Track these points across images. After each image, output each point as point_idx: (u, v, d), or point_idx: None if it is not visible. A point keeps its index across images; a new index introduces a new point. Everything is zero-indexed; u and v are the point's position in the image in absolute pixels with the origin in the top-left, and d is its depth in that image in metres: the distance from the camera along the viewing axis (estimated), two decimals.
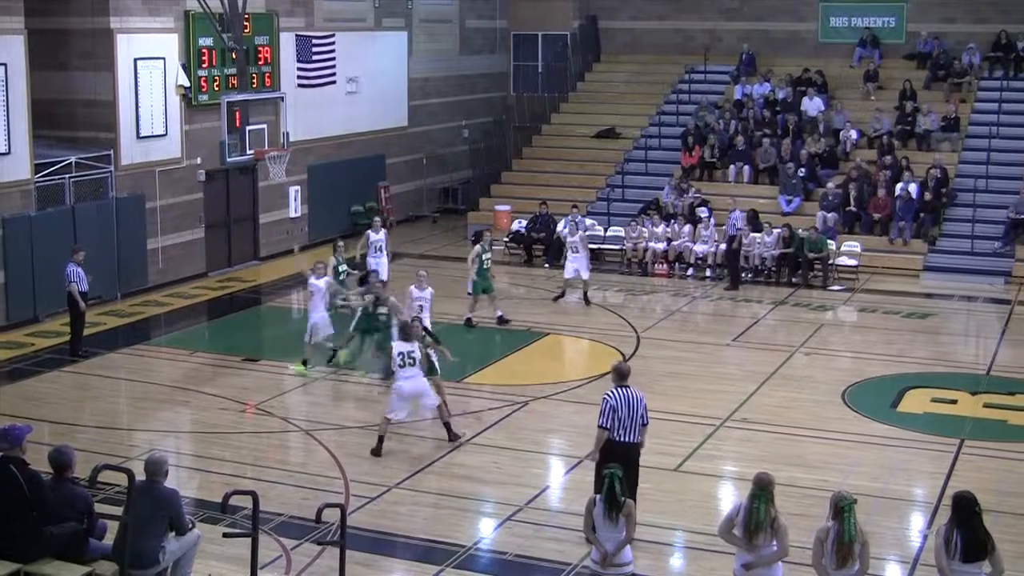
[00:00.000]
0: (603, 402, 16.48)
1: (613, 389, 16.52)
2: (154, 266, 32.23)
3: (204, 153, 33.18)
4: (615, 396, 16.38)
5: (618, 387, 16.52)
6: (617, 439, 16.34)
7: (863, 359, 26.69)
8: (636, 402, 16.41)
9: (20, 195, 28.38)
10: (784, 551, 13.04)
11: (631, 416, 16.34)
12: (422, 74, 43.56)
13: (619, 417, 16.30)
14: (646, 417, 16.54)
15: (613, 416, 16.30)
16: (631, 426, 16.37)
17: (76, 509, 12.55)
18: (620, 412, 16.31)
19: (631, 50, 47.46)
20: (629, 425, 16.35)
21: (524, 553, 16.59)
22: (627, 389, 16.47)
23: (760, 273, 34.19)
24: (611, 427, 16.33)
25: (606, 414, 16.34)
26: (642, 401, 16.51)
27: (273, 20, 35.69)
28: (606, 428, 16.37)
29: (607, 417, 16.33)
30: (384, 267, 30.13)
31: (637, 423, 16.41)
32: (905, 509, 18.62)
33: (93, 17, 30.62)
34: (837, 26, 44.90)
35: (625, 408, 16.32)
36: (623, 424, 16.34)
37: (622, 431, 16.35)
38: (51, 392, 23.93)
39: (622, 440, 16.35)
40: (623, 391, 16.43)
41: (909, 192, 35.65)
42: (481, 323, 28.83)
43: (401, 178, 42.65)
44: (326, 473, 19.49)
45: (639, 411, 16.41)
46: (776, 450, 20.57)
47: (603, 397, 16.59)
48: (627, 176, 40.31)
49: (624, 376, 16.66)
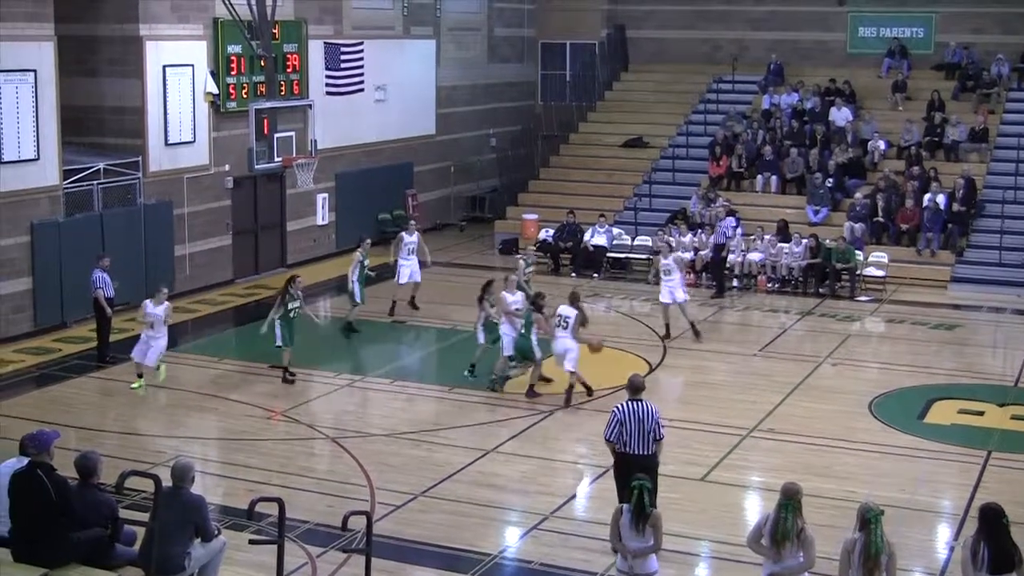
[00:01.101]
0: (611, 415, 16.51)
1: (624, 402, 16.56)
2: (181, 273, 32.29)
3: (232, 160, 33.25)
4: (623, 410, 16.41)
5: (630, 400, 16.53)
6: (631, 452, 16.34)
7: (890, 370, 26.62)
8: (647, 415, 16.38)
9: (49, 201, 28.47)
10: (811, 562, 13.00)
11: (641, 429, 16.31)
12: (450, 82, 43.60)
13: (627, 430, 16.30)
14: (659, 431, 16.49)
15: (620, 429, 16.31)
16: (642, 439, 16.34)
17: (101, 515, 12.57)
18: (628, 425, 16.30)
19: (659, 59, 47.43)
20: (639, 438, 16.32)
21: (550, 562, 16.56)
22: (638, 402, 16.46)
23: (787, 283, 34.13)
24: (619, 440, 16.34)
25: (612, 427, 16.39)
26: (654, 414, 16.46)
27: (302, 28, 35.76)
28: (611, 441, 16.42)
29: (612, 430, 16.37)
30: (416, 270, 30.35)
31: (648, 436, 16.37)
32: (932, 521, 18.56)
33: (122, 24, 30.73)
34: (865, 36, 44.82)
35: (634, 421, 16.30)
36: (632, 437, 16.32)
37: (633, 444, 16.34)
38: (78, 398, 24.02)
39: (636, 452, 16.34)
40: (633, 404, 16.43)
41: (937, 203, 35.54)
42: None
43: (429, 186, 42.68)
44: (352, 480, 19.50)
45: (650, 424, 16.36)
46: (803, 460, 20.51)
47: (612, 410, 16.62)
48: (654, 186, 40.30)
49: (637, 389, 16.66)
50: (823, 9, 44.68)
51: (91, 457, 12.83)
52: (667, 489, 17.87)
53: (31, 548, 12.22)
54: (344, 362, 26.80)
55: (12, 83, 27.27)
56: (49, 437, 12.74)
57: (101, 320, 26.44)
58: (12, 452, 13.42)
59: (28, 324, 28.17)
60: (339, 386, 24.98)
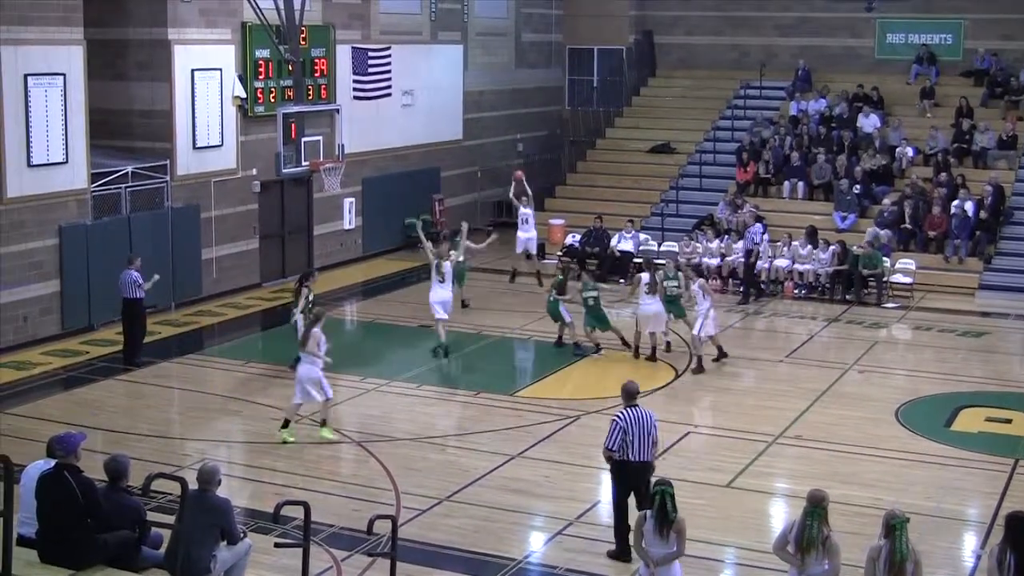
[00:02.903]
0: (612, 423, 16.50)
1: (623, 410, 16.56)
2: (208, 276, 32.38)
3: (259, 164, 33.31)
4: (625, 417, 16.42)
5: (628, 407, 16.56)
6: (632, 459, 16.39)
7: (917, 377, 26.55)
8: (647, 420, 16.45)
9: (77, 204, 28.59)
10: (835, 570, 12.98)
11: (642, 435, 16.37)
12: (477, 87, 43.64)
13: (629, 438, 16.32)
14: (656, 435, 16.62)
15: (623, 437, 16.32)
16: (643, 445, 16.40)
17: (128, 518, 12.60)
18: (631, 433, 16.32)
19: (686, 65, 47.44)
20: (640, 445, 16.37)
21: (574, 568, 16.56)
22: (637, 408, 16.53)
23: (814, 290, 34.07)
24: (621, 448, 16.35)
25: (614, 435, 16.37)
26: (652, 418, 16.54)
27: (330, 32, 35.85)
28: (612, 450, 16.42)
29: (614, 439, 16.36)
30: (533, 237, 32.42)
31: (648, 441, 16.44)
32: (958, 529, 18.52)
33: (151, 28, 30.85)
34: (894, 43, 44.72)
35: (636, 427, 16.34)
36: (634, 444, 16.36)
37: (634, 451, 16.38)
38: (105, 400, 24.10)
39: (637, 460, 16.40)
40: (633, 411, 16.48)
41: (965, 210, 35.40)
42: (535, 337, 28.84)
43: (455, 191, 42.70)
44: (377, 485, 19.52)
45: (650, 429, 16.44)
46: (829, 468, 20.46)
47: (613, 418, 16.62)
48: (682, 191, 40.28)
49: (633, 396, 16.74)
50: (851, 15, 44.53)
51: (121, 460, 12.86)
52: (692, 495, 17.91)
53: (58, 550, 12.25)
54: (370, 366, 26.82)
55: (41, 87, 27.39)
56: (76, 439, 12.78)
57: (134, 323, 26.64)
58: (39, 454, 13.47)
59: (56, 326, 28.28)
60: (365, 390, 25.01)
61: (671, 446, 21.44)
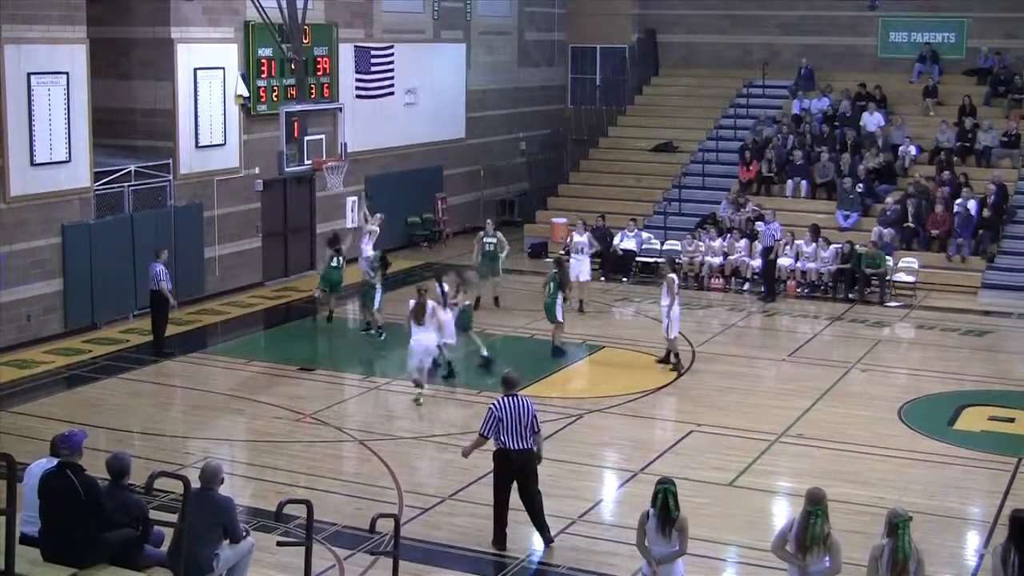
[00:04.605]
0: (488, 412, 16.79)
1: (500, 398, 16.85)
2: (211, 275, 32.40)
3: (262, 163, 33.32)
4: (499, 406, 16.70)
5: (505, 395, 16.84)
6: (511, 447, 16.65)
7: (920, 376, 26.56)
8: (523, 409, 16.68)
9: (80, 203, 28.59)
10: (836, 568, 12.95)
11: (517, 424, 16.60)
12: (480, 86, 43.64)
13: (504, 426, 16.57)
14: (536, 424, 16.84)
15: (498, 425, 16.61)
16: (519, 433, 16.64)
17: (131, 516, 12.60)
18: (505, 421, 16.58)
19: (689, 64, 47.44)
20: (515, 433, 16.62)
21: (577, 566, 16.56)
22: (514, 398, 16.77)
23: (817, 288, 34.06)
24: (496, 435, 16.67)
25: (489, 423, 16.69)
26: (530, 409, 16.80)
27: (332, 31, 35.85)
28: (485, 437, 16.82)
29: (489, 426, 16.69)
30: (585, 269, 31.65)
31: (526, 430, 16.68)
32: (961, 528, 18.52)
33: (154, 27, 30.86)
34: (897, 41, 44.70)
35: (510, 416, 16.58)
36: (510, 432, 16.61)
37: (511, 439, 16.64)
38: (108, 399, 24.10)
39: (515, 447, 16.67)
40: (509, 400, 16.74)
41: (968, 209, 35.39)
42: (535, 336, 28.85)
43: (458, 190, 42.73)
44: (380, 483, 19.52)
45: (526, 419, 16.67)
46: (832, 466, 20.45)
47: (489, 407, 16.90)
48: (684, 190, 40.26)
49: (512, 385, 17.04)
50: (854, 14, 44.49)
51: (123, 458, 12.86)
52: (695, 494, 17.91)
53: (60, 548, 12.25)
54: (372, 365, 26.84)
55: (44, 85, 27.40)
56: (79, 437, 12.79)
57: (158, 314, 27.08)
58: (42, 453, 13.48)
59: (59, 325, 28.30)
60: (367, 389, 25.02)
61: (673, 445, 21.51)
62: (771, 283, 33.69)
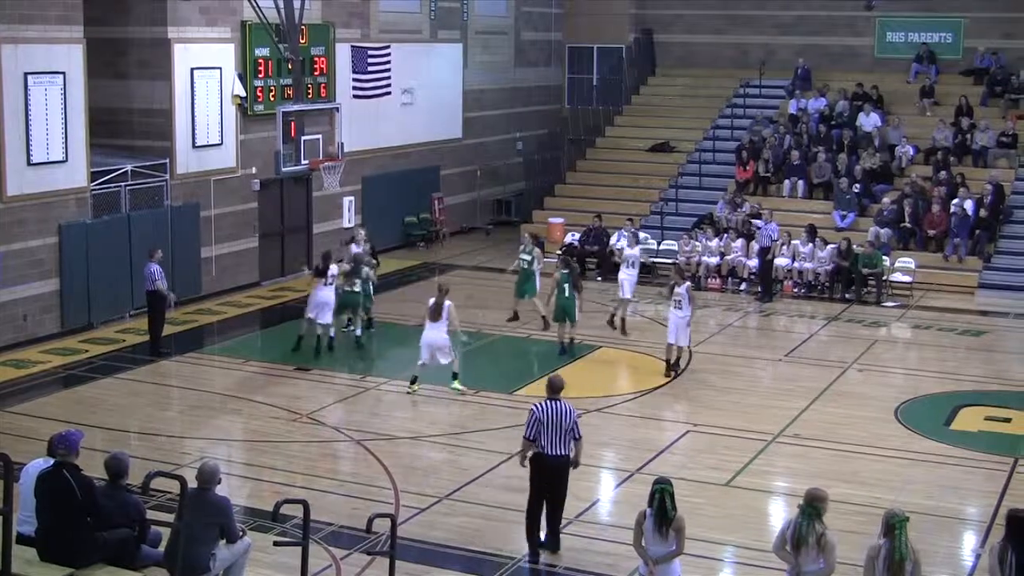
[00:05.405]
0: (530, 414, 16.60)
1: (542, 401, 16.66)
2: (208, 275, 32.38)
3: (259, 163, 33.31)
4: (542, 408, 16.50)
5: (548, 399, 16.64)
6: (548, 452, 16.47)
7: (917, 376, 26.57)
8: (565, 415, 16.48)
9: (76, 202, 28.58)
10: (831, 568, 12.95)
11: (558, 429, 16.41)
12: (477, 86, 43.64)
13: (545, 429, 16.39)
14: (577, 430, 16.64)
15: (539, 428, 16.40)
16: (559, 439, 16.44)
17: (128, 516, 12.61)
18: (546, 424, 16.38)
19: (686, 64, 47.44)
20: (556, 438, 16.42)
21: (574, 566, 16.55)
22: (557, 402, 16.57)
23: (814, 288, 34.08)
24: (537, 439, 16.45)
25: (531, 426, 16.47)
26: (572, 414, 16.58)
27: (329, 31, 35.84)
28: (531, 440, 16.52)
29: (532, 428, 16.46)
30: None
31: (567, 436, 16.50)
32: (958, 527, 18.51)
33: (151, 27, 30.85)
34: (894, 41, 44.72)
35: (552, 421, 16.39)
36: (550, 437, 16.42)
37: (550, 444, 16.45)
38: (104, 399, 24.08)
39: (552, 453, 16.48)
40: (551, 403, 16.54)
41: (964, 209, 35.41)
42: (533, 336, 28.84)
43: (455, 190, 42.72)
44: (377, 483, 19.51)
45: (568, 424, 16.47)
46: (828, 466, 20.45)
47: (530, 408, 16.72)
48: (681, 190, 40.30)
49: (556, 389, 16.78)
50: (851, 14, 44.51)
51: (121, 458, 12.87)
52: (692, 494, 17.91)
53: (57, 548, 12.26)
54: (369, 365, 26.85)
55: (41, 85, 27.38)
56: (76, 437, 12.79)
57: (155, 313, 27.04)
58: (39, 452, 13.48)
59: (55, 325, 28.28)
60: (364, 388, 25.01)
61: (670, 445, 21.50)
62: (768, 283, 33.72)
